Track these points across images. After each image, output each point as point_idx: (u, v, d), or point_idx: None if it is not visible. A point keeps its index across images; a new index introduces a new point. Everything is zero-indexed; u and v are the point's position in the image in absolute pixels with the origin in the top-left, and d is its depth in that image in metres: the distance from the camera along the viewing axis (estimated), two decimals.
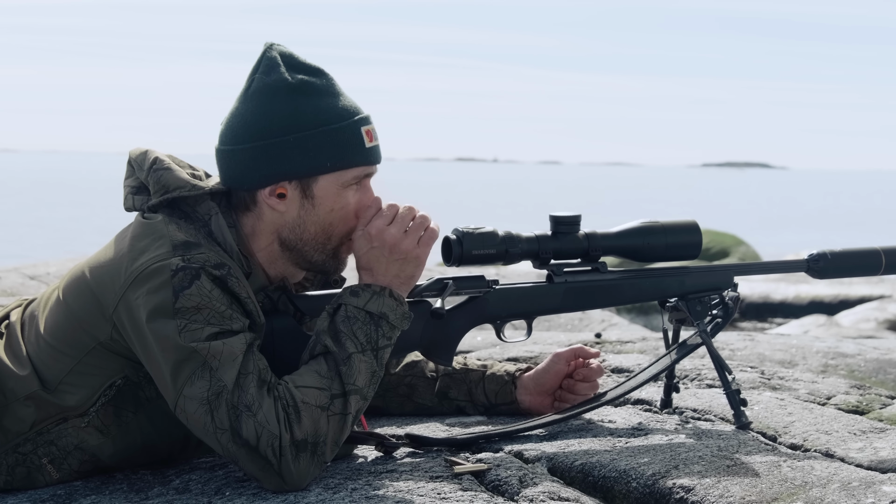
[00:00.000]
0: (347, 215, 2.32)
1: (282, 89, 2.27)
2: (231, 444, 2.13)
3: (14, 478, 2.34)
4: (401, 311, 2.25)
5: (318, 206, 2.30)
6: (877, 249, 2.70)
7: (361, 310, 2.21)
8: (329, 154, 2.26)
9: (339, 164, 2.28)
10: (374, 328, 2.21)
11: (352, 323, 2.20)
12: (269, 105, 2.26)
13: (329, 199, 2.29)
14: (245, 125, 2.27)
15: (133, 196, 2.35)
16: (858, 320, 11.69)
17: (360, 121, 2.30)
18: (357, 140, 2.29)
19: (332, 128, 2.26)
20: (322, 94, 2.28)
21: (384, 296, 2.23)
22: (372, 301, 2.22)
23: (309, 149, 2.25)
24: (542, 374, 2.67)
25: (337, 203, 2.30)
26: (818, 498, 2.07)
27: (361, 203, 2.32)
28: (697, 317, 2.56)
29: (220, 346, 2.13)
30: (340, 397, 2.16)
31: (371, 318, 2.21)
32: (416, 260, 2.28)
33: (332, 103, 2.28)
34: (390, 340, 2.24)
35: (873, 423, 2.64)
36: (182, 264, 2.17)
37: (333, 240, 2.33)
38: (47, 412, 2.31)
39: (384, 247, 2.27)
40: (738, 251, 17.13)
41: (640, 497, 2.19)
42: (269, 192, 2.29)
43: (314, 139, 2.26)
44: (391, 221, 2.28)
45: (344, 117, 2.28)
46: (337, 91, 2.31)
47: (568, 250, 2.51)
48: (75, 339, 2.29)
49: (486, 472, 2.25)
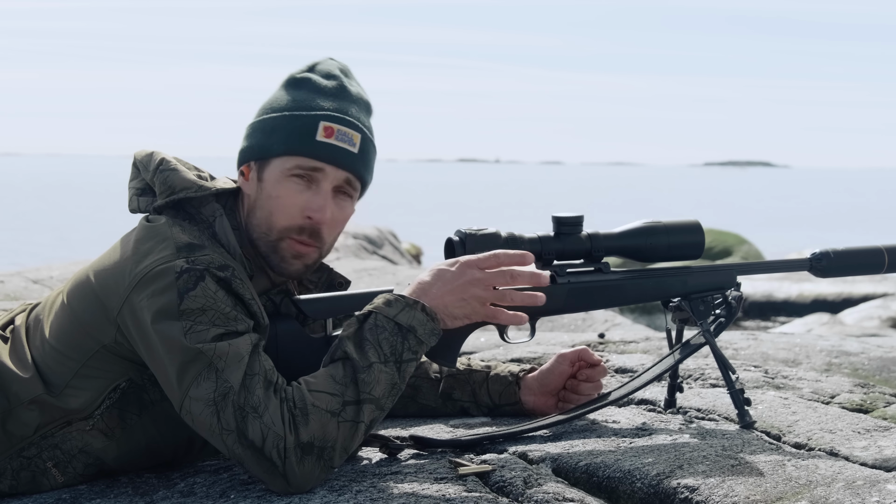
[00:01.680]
0: (287, 208, 2.30)
1: (287, 81, 2.37)
2: (237, 445, 2.13)
3: (19, 482, 2.34)
4: (430, 326, 2.22)
5: (264, 191, 2.32)
6: (880, 248, 2.69)
7: (391, 320, 2.19)
8: (279, 138, 2.30)
9: (285, 150, 2.30)
10: (401, 340, 2.19)
11: (379, 332, 2.18)
12: (272, 93, 2.38)
13: (272, 184, 2.31)
14: None
15: (138, 198, 2.36)
16: (862, 318, 11.69)
17: (326, 116, 2.30)
18: (308, 130, 2.29)
19: (291, 114, 2.30)
20: (310, 89, 2.33)
21: (416, 309, 2.21)
22: (403, 313, 2.20)
23: (265, 130, 2.32)
24: (546, 374, 2.67)
25: (276, 190, 2.30)
26: (823, 497, 2.07)
27: (308, 204, 2.30)
28: (700, 316, 2.56)
29: (225, 347, 2.13)
30: (353, 404, 2.14)
31: (399, 330, 2.19)
32: (472, 309, 2.26)
33: (312, 97, 2.32)
34: (416, 355, 2.21)
35: (877, 422, 2.63)
36: (186, 266, 2.17)
37: (273, 231, 2.32)
38: (52, 416, 2.31)
39: (460, 277, 2.25)
40: (741, 250, 17.12)
41: (644, 497, 2.19)
42: (239, 172, 2.37)
43: (272, 122, 2.31)
44: (489, 266, 2.25)
45: (308, 108, 2.31)
46: (333, 94, 2.32)
47: (571, 251, 2.50)
48: (80, 342, 2.29)
49: (490, 474, 2.25)
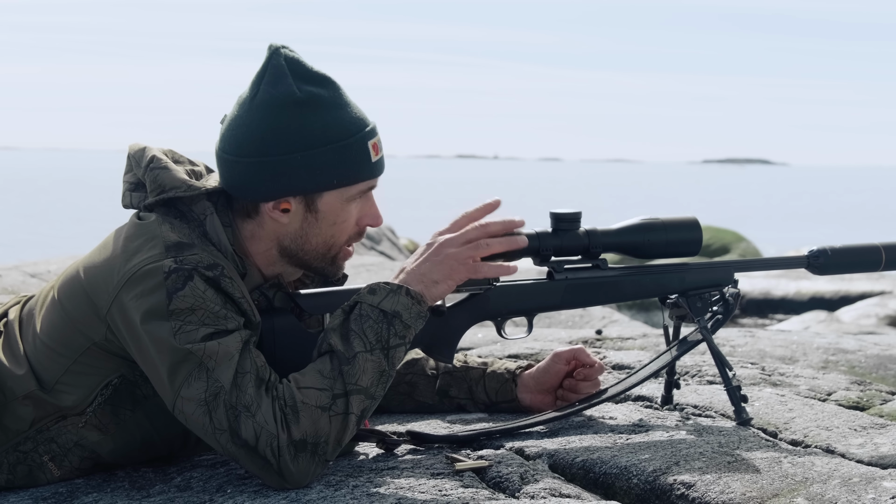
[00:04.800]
0: (349, 227, 2.32)
1: (289, 103, 2.21)
2: (230, 444, 2.13)
3: (16, 476, 2.34)
4: (416, 309, 2.22)
5: (322, 220, 2.28)
6: (877, 245, 2.69)
7: (375, 308, 2.20)
8: (336, 172, 2.24)
9: (346, 181, 2.26)
10: (387, 326, 2.19)
11: (363, 321, 2.19)
12: (275, 119, 2.21)
13: (333, 213, 2.28)
14: (251, 139, 2.23)
15: (131, 193, 2.34)
16: (859, 316, 11.69)
17: (367, 134, 2.28)
18: (364, 156, 2.27)
19: (339, 145, 2.23)
20: (329, 108, 2.24)
21: (400, 294, 2.21)
22: (387, 299, 2.20)
23: (315, 167, 2.22)
24: (542, 373, 2.67)
25: (340, 217, 2.29)
26: (819, 494, 2.07)
27: (363, 213, 2.33)
28: (698, 313, 2.56)
29: (215, 347, 2.13)
30: (342, 397, 2.14)
31: (384, 317, 2.19)
32: (450, 268, 2.27)
33: (340, 117, 2.25)
34: (403, 339, 2.21)
35: (874, 419, 2.64)
36: (175, 266, 2.16)
37: (334, 249, 2.33)
38: (45, 411, 2.31)
39: (433, 244, 2.29)
40: (739, 248, 17.13)
41: (641, 493, 2.19)
42: (273, 206, 2.27)
43: (321, 157, 2.22)
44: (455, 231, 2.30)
45: (351, 132, 2.25)
46: (344, 102, 2.27)
47: (568, 247, 2.50)
48: (70, 339, 2.28)
49: (487, 469, 2.25)
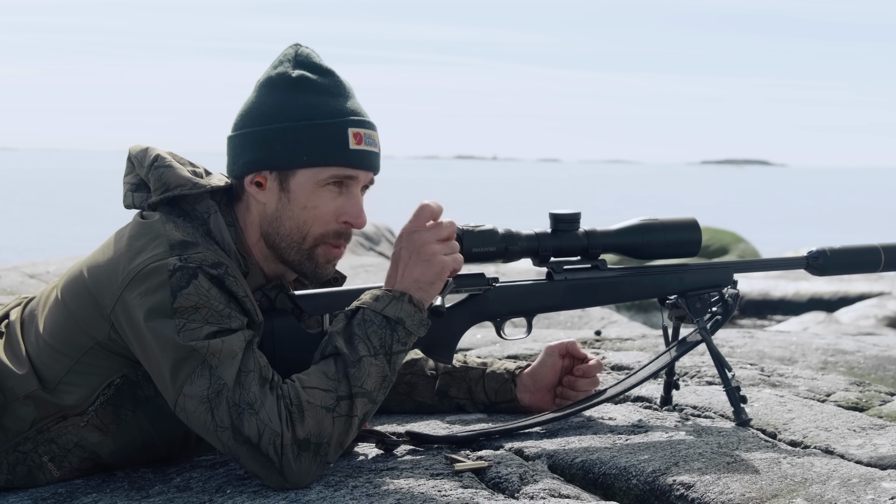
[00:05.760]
0: (323, 216, 2.30)
1: (282, 82, 2.29)
2: (232, 441, 2.13)
3: (15, 476, 2.35)
4: (418, 317, 2.23)
5: (293, 201, 2.29)
6: (876, 246, 2.69)
7: (379, 314, 2.20)
8: (307, 148, 2.26)
9: (316, 161, 2.27)
10: (390, 333, 2.20)
11: (367, 326, 2.19)
12: (266, 96, 2.30)
13: (303, 194, 2.28)
14: (242, 113, 2.33)
15: (133, 193, 2.35)
16: (858, 317, 11.70)
17: (351, 122, 2.28)
18: (340, 140, 2.27)
19: (314, 123, 2.26)
20: (319, 92, 2.29)
21: (403, 301, 2.22)
22: (390, 306, 2.21)
23: (287, 140, 2.26)
24: (538, 370, 2.67)
25: (311, 201, 2.29)
26: (818, 494, 2.07)
27: (343, 209, 2.30)
28: (697, 314, 2.56)
29: (219, 345, 2.13)
30: (347, 399, 2.15)
31: (387, 323, 2.20)
32: (440, 266, 2.26)
33: (325, 101, 2.28)
34: (405, 346, 2.22)
35: (873, 420, 2.64)
36: (179, 264, 2.16)
37: (308, 240, 2.31)
38: (46, 411, 2.31)
39: (412, 246, 2.26)
40: (738, 248, 17.13)
41: (640, 494, 2.19)
42: (250, 181, 2.30)
43: (294, 131, 2.26)
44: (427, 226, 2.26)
45: (332, 115, 2.27)
46: (338, 92, 2.30)
47: (568, 248, 2.51)
48: (74, 338, 2.29)
49: (486, 470, 2.25)
